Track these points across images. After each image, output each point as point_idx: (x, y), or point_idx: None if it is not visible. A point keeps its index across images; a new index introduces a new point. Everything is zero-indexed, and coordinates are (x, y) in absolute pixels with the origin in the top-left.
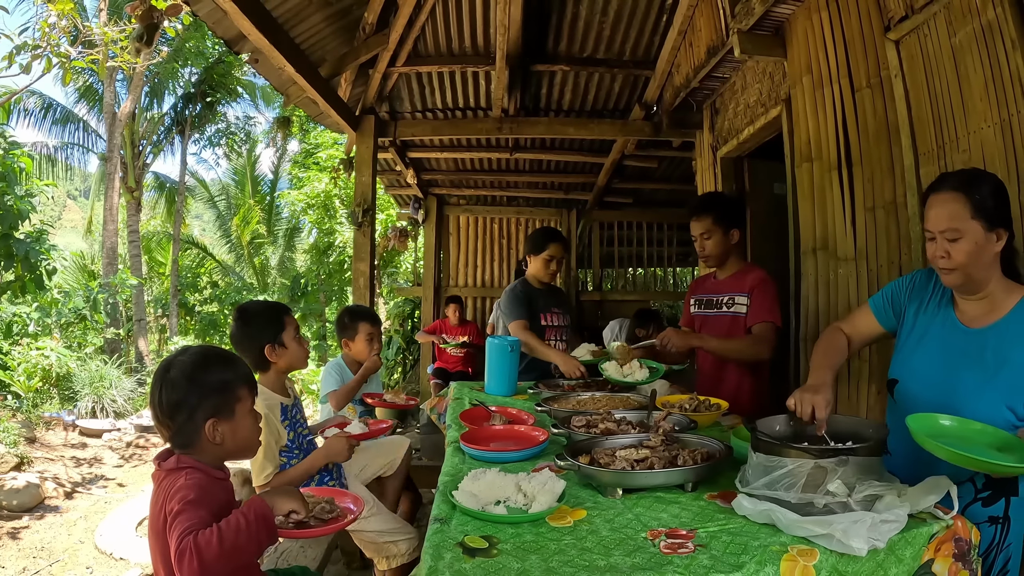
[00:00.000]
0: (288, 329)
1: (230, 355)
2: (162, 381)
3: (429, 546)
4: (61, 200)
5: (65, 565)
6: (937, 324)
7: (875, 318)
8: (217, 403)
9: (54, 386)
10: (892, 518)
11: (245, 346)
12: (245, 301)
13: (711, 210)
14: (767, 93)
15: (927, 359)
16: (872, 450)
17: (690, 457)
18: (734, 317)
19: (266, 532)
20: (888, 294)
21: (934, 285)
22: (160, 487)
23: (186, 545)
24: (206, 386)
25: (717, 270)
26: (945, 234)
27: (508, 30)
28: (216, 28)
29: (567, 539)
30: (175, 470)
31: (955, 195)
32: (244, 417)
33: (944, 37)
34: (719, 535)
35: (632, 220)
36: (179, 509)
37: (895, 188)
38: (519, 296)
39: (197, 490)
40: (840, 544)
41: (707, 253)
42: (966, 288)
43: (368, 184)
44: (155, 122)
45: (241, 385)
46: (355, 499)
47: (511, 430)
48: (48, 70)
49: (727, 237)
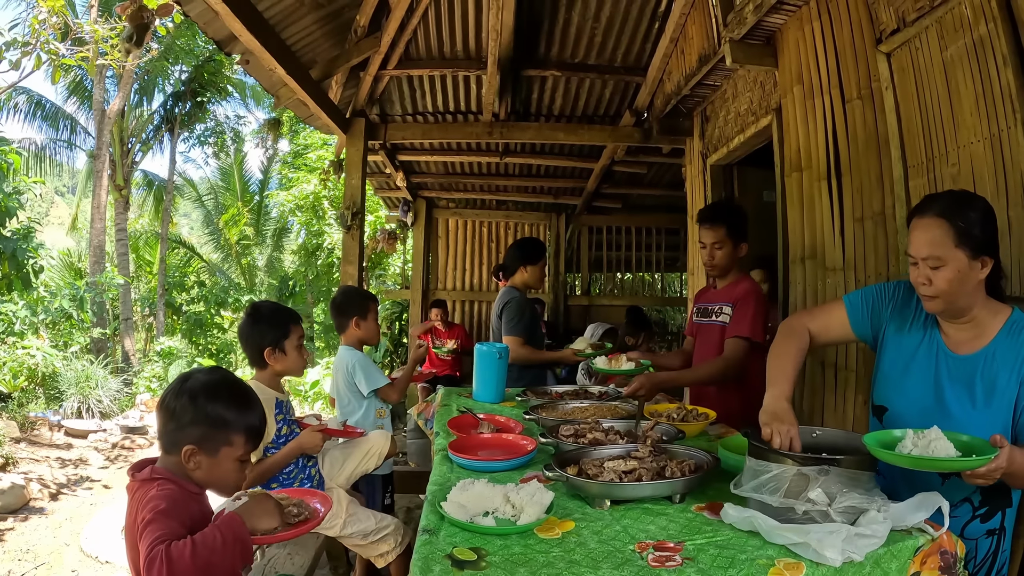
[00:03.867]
0: (292, 337)
1: (246, 397)
2: (177, 386)
3: (418, 558)
4: (49, 197)
5: (50, 568)
6: (923, 349)
7: (847, 318)
8: (206, 435)
9: (40, 385)
10: (869, 532)
11: (248, 342)
12: (259, 301)
13: (725, 221)
14: (758, 102)
15: (916, 387)
16: (857, 463)
17: (678, 468)
18: (722, 327)
19: (241, 554)
20: (868, 299)
21: (916, 303)
22: (134, 498)
23: (157, 553)
24: (203, 414)
25: (717, 279)
26: (927, 261)
27: (500, 35)
28: (207, 28)
29: (555, 551)
30: (148, 481)
31: (939, 221)
32: (227, 461)
33: (936, 51)
34: (707, 548)
35: (620, 225)
36: (150, 518)
37: (884, 199)
38: (524, 306)
39: (168, 501)
40: (815, 553)
41: (715, 263)
42: (949, 314)
43: (357, 187)
44: (144, 120)
45: (238, 433)
46: (323, 499)
47: (499, 438)
48: (38, 67)
49: (736, 250)
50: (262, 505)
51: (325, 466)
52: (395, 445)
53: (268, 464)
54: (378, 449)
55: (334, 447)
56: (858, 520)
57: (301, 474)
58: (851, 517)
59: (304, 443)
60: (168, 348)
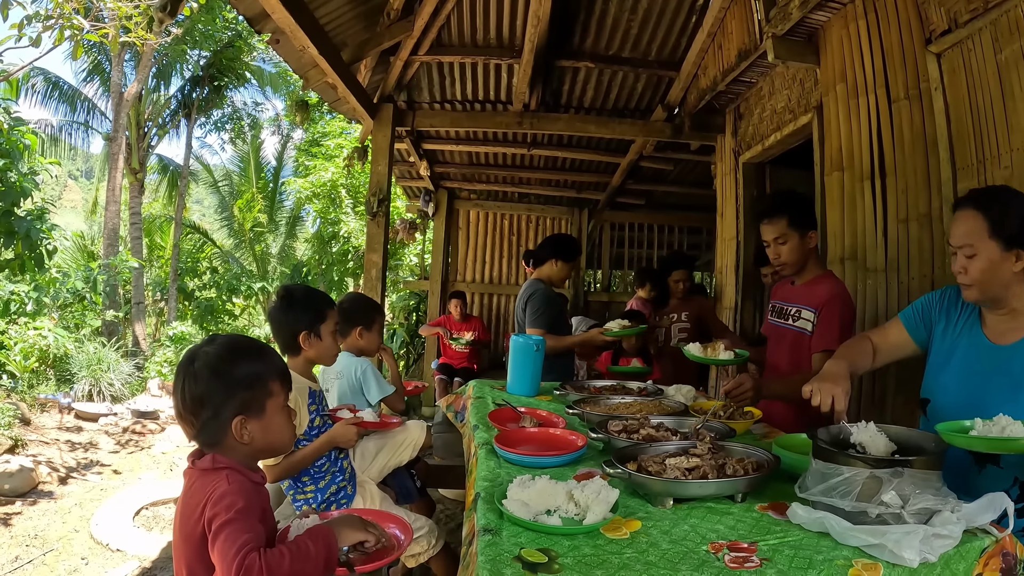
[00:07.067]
0: (328, 322)
1: (261, 346)
2: (185, 373)
3: (485, 560)
4: (62, 179)
5: (59, 555)
6: (964, 342)
7: (907, 332)
8: (246, 399)
9: (50, 367)
10: (945, 533)
11: (281, 327)
12: (290, 284)
13: (786, 211)
14: (796, 99)
15: (955, 377)
16: (928, 464)
17: (739, 466)
18: (798, 334)
19: (326, 566)
20: (919, 308)
21: (963, 302)
22: (193, 488)
23: (252, 562)
24: (233, 380)
25: (795, 277)
26: (963, 250)
27: (540, 21)
28: (238, 5)
29: (628, 552)
30: (211, 470)
31: (974, 213)
32: (276, 414)
33: (989, 53)
34: (781, 548)
35: (643, 222)
36: (230, 518)
37: (931, 201)
38: (548, 299)
39: (245, 497)
40: (892, 554)
41: (783, 260)
42: (988, 304)
43: (384, 174)
44: (161, 104)
45: (273, 379)
46: (402, 525)
47: (545, 433)
48: (60, 42)
49: (804, 241)
50: (348, 520)
51: (356, 458)
52: (431, 437)
53: (299, 457)
54: (413, 440)
55: (366, 439)
56: (930, 520)
57: (333, 467)
58: (923, 518)
59: (337, 437)
60: (179, 333)
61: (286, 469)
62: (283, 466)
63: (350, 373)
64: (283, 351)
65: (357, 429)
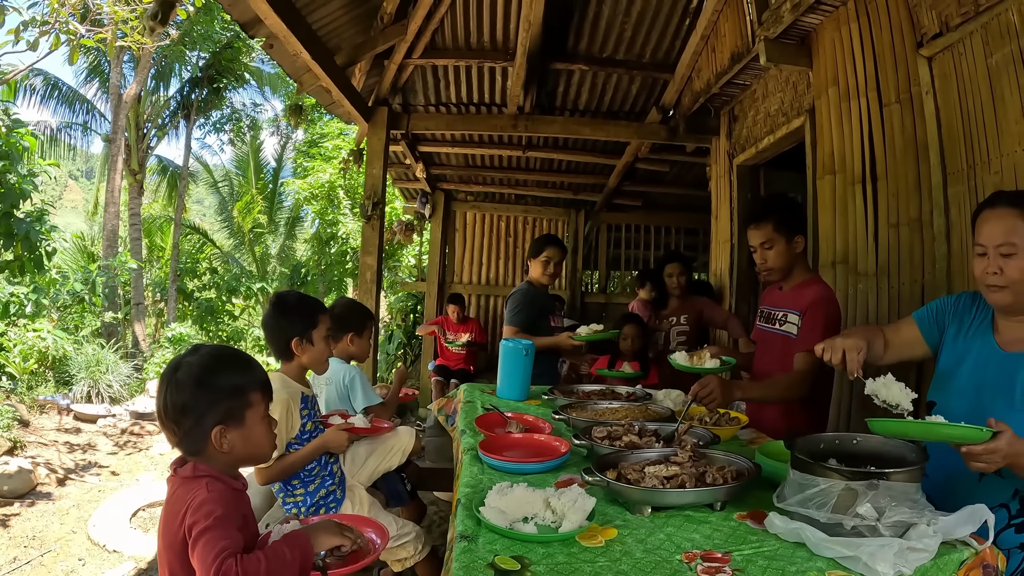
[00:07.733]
0: (320, 328)
1: (244, 356)
2: (168, 382)
3: (459, 567)
4: (62, 180)
5: (57, 556)
6: (976, 350)
7: (919, 331)
8: (226, 409)
9: (50, 369)
10: (920, 547)
11: (275, 333)
12: (283, 290)
13: (772, 216)
14: (789, 103)
15: (963, 383)
16: (906, 476)
17: (719, 475)
18: (785, 338)
19: (302, 570)
20: (934, 309)
21: (977, 309)
22: (176, 495)
23: (229, 568)
24: (215, 390)
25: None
26: (1000, 248)
27: (532, 25)
28: (232, 10)
29: (601, 561)
30: (192, 478)
31: (1013, 211)
32: (256, 424)
33: (980, 57)
34: (754, 559)
35: (640, 223)
36: (208, 525)
37: (921, 205)
38: (527, 298)
39: (224, 505)
40: (866, 567)
41: (769, 265)
42: (1013, 308)
43: (379, 177)
44: (160, 105)
45: (254, 390)
46: (379, 529)
47: (530, 439)
48: (56, 47)
49: (791, 246)
50: (325, 525)
51: (346, 463)
52: (419, 442)
53: (290, 461)
54: (402, 446)
55: (357, 443)
56: (907, 533)
57: (323, 471)
58: (899, 531)
59: (328, 442)
60: (179, 334)
61: (277, 472)
62: (274, 469)
63: (339, 379)
64: (277, 357)
65: (349, 435)
